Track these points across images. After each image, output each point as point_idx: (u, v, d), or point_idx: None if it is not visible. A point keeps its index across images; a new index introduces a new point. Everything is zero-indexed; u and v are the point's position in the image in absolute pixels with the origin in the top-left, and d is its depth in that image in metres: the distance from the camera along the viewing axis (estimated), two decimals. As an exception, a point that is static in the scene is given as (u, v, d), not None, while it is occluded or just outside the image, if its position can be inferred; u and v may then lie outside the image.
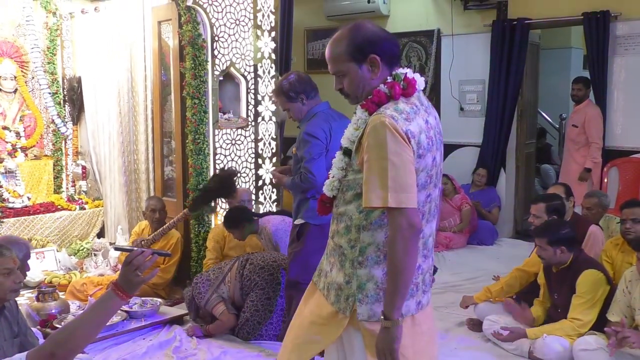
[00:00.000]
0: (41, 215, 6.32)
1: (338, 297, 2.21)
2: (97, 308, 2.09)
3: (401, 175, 2.00)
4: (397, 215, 2.01)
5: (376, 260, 2.14)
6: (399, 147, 2.01)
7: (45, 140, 7.04)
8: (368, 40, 2.15)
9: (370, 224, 2.14)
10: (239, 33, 5.58)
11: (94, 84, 6.80)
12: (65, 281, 5.46)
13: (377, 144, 2.02)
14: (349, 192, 2.19)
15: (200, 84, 5.27)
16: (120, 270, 2.16)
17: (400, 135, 2.01)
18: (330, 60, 2.22)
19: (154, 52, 5.89)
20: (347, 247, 2.19)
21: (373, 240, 2.14)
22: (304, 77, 3.84)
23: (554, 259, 3.92)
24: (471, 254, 6.79)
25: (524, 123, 7.72)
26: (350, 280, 2.18)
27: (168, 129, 5.86)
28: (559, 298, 4.01)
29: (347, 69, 2.18)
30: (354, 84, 2.19)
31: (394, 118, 2.04)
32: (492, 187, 7.51)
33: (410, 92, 2.15)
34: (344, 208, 2.21)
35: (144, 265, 2.09)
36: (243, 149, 5.69)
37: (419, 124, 2.09)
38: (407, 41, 8.16)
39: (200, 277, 4.55)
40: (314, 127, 3.68)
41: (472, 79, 7.72)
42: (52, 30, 6.92)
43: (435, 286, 5.47)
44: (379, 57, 2.15)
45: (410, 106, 2.12)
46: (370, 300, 2.14)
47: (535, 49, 7.83)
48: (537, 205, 4.44)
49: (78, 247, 6.30)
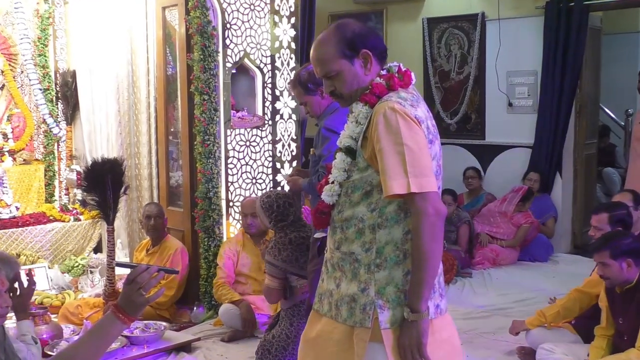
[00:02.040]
0: (31, 227, 6.37)
1: (352, 310, 2.28)
2: (96, 333, 2.10)
3: (419, 158, 2.18)
4: (420, 201, 2.17)
5: (396, 260, 2.26)
6: (413, 131, 2.20)
7: (36, 143, 7.12)
8: (358, 34, 2.34)
9: (385, 221, 2.27)
10: (254, 19, 5.60)
11: (90, 79, 6.87)
12: (57, 302, 5.50)
13: (390, 130, 2.19)
14: (356, 192, 2.31)
15: (210, 78, 5.30)
16: (121, 289, 2.18)
17: (411, 118, 2.21)
18: (318, 61, 2.39)
19: (157, 42, 5.94)
20: (360, 252, 2.29)
21: (391, 238, 2.27)
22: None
23: (620, 276, 3.85)
24: (522, 271, 6.74)
25: (583, 120, 7.64)
26: (367, 287, 2.27)
27: (174, 129, 5.90)
28: (624, 323, 3.94)
29: (339, 67, 2.35)
30: (347, 82, 2.36)
31: (402, 103, 2.24)
32: (546, 195, 7.45)
33: (407, 83, 2.36)
34: (350, 212, 2.32)
35: (149, 284, 2.09)
36: (259, 152, 5.71)
37: (422, 110, 2.30)
38: (447, 27, 8.13)
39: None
40: (334, 122, 3.71)
41: (522, 70, 7.67)
42: (44, 18, 7.00)
43: (481, 309, 5.53)
44: (371, 51, 2.35)
45: (410, 94, 2.32)
46: (392, 305, 2.24)
47: (597, 34, 7.75)
48: (599, 215, 4.38)
49: (72, 263, 6.35)
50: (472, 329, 5.11)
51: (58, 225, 6.56)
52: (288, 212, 4.24)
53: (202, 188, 5.37)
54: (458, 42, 8.10)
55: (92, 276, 6.01)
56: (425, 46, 8.26)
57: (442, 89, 8.20)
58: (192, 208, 5.52)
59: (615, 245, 3.83)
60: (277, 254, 4.16)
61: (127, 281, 2.11)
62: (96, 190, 5.05)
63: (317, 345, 2.40)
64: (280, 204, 4.23)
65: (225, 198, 5.51)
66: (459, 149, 8.06)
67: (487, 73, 7.88)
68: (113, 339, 2.15)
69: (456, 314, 5.33)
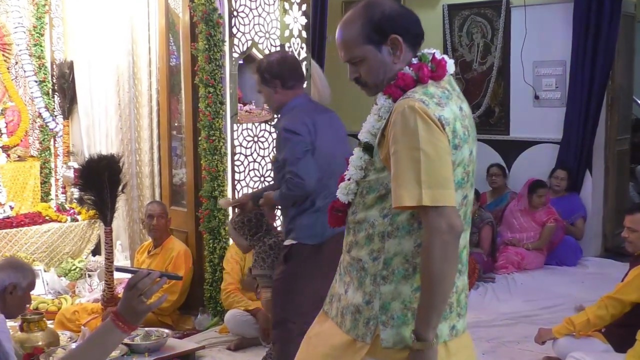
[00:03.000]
0: (26, 227, 6.42)
1: (355, 321, 2.22)
2: (94, 342, 2.10)
3: (437, 168, 2.04)
4: (433, 216, 2.04)
5: (404, 275, 2.16)
6: (433, 135, 2.05)
7: (31, 138, 7.16)
8: (387, 17, 2.20)
9: (396, 230, 2.16)
10: (262, 6, 5.60)
11: (88, 70, 6.91)
12: (54, 307, 5.54)
13: (406, 132, 2.06)
14: (370, 194, 2.22)
15: (215, 69, 5.31)
16: (122, 295, 2.18)
17: (432, 121, 2.05)
18: (342, 45, 2.28)
19: (160, 31, 5.96)
20: (368, 260, 2.21)
21: (400, 249, 2.16)
22: (288, 61, 3.96)
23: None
24: (549, 276, 6.73)
25: (614, 114, 7.61)
26: (371, 300, 2.19)
27: (178, 124, 5.92)
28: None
29: (364, 53, 2.23)
30: (373, 70, 2.24)
31: (424, 102, 2.08)
32: (574, 194, 7.42)
33: (441, 75, 2.20)
34: (363, 214, 2.23)
35: (151, 290, 2.09)
36: (268, 147, 5.71)
37: (452, 110, 2.13)
38: (469, 14, 8.11)
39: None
40: (293, 122, 3.76)
41: (550, 60, 7.64)
42: (40, 5, 7.03)
43: (506, 316, 5.51)
44: (401, 36, 2.20)
45: (441, 90, 2.17)
46: (396, 323, 2.15)
47: (630, 22, 7.72)
48: (633, 215, 4.36)
49: (69, 266, 6.39)
50: (496, 338, 5.09)
51: (54, 226, 6.60)
52: (261, 222, 4.32)
53: (207, 186, 5.38)
54: (481, 31, 8.08)
55: (90, 280, 6.04)
56: (446, 35, 8.24)
57: (463, 81, 8.17)
58: (197, 208, 5.53)
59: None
60: (262, 263, 4.23)
61: (127, 287, 2.10)
62: (93, 189, 5.07)
63: (312, 342, 2.39)
64: (251, 217, 4.30)
65: (232, 197, 5.52)
66: (481, 145, 8.02)
67: (512, 63, 7.86)
68: (112, 348, 2.15)
69: (479, 322, 5.32)
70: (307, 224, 3.75)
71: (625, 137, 8.05)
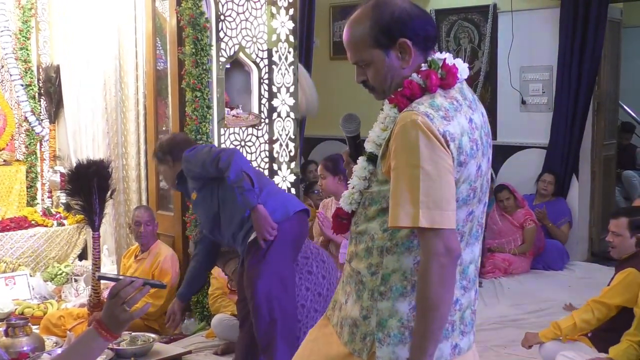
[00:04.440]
0: (11, 232, 6.38)
1: (353, 335, 2.17)
2: (76, 350, 2.09)
3: (436, 188, 1.95)
4: (430, 238, 1.96)
5: (401, 292, 2.09)
6: (435, 153, 1.95)
7: (17, 142, 7.13)
8: (396, 19, 2.08)
9: (395, 246, 2.09)
10: (249, 11, 5.61)
11: (75, 74, 6.88)
12: (39, 312, 5.51)
13: (406, 148, 1.97)
14: (372, 206, 2.14)
15: (202, 73, 5.31)
16: (104, 304, 2.17)
17: (436, 137, 1.96)
18: (349, 46, 2.17)
19: (147, 35, 5.95)
20: (366, 274, 2.14)
21: (399, 266, 2.09)
22: (176, 139, 4.51)
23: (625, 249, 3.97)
24: (536, 280, 6.76)
25: (601, 119, 7.65)
26: (368, 315, 2.13)
27: (165, 128, 5.91)
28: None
29: (371, 57, 2.12)
30: (380, 75, 2.14)
31: (429, 116, 1.98)
32: (561, 198, 7.45)
33: (450, 83, 2.10)
34: (364, 226, 2.16)
35: (134, 299, 2.08)
36: (255, 152, 5.71)
37: (460, 123, 2.04)
38: (456, 19, 8.14)
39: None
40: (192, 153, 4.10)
41: (537, 65, 7.68)
42: (26, 9, 7.01)
43: (492, 320, 5.53)
44: (411, 40, 2.09)
45: (449, 101, 2.07)
46: (393, 341, 2.09)
47: (616, 28, 7.76)
48: (617, 220, 4.37)
49: (55, 271, 6.36)
50: (482, 342, 5.09)
51: (40, 231, 6.57)
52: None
53: (194, 191, 5.37)
54: (468, 36, 8.11)
55: (76, 285, 6.01)
56: (433, 39, 8.25)
57: (450, 86, 8.18)
58: (184, 212, 5.53)
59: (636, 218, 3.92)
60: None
61: (109, 295, 2.09)
62: (81, 194, 5.06)
63: (309, 347, 2.35)
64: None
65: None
66: (468, 150, 8.05)
67: (499, 68, 7.89)
68: (95, 356, 2.14)
69: (465, 326, 5.32)
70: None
71: (612, 142, 8.10)
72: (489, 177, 2.20)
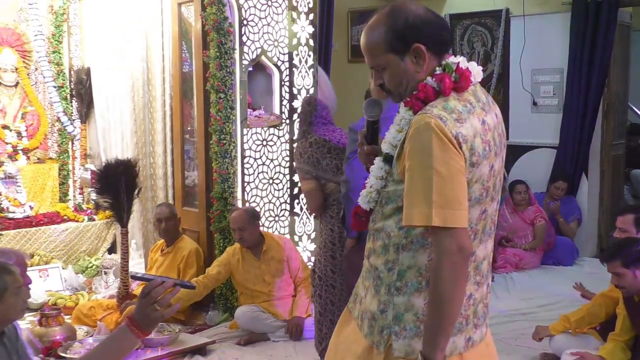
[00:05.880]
0: (45, 227, 6.45)
1: (372, 328, 2.18)
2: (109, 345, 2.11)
3: (449, 188, 1.95)
4: (443, 237, 1.96)
5: (417, 287, 2.09)
6: (447, 155, 1.95)
7: (50, 141, 7.20)
8: (411, 25, 2.07)
9: (411, 243, 2.09)
10: (271, 16, 5.63)
11: (104, 76, 6.94)
12: (71, 303, 5.56)
13: (420, 149, 1.97)
14: (389, 205, 2.14)
15: (226, 76, 5.33)
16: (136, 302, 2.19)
17: (448, 139, 1.96)
18: (366, 51, 2.16)
19: (173, 38, 5.98)
20: (383, 270, 2.15)
21: (414, 262, 2.09)
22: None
23: (635, 284, 3.83)
24: (546, 275, 6.73)
25: (610, 120, 7.59)
26: (385, 309, 2.14)
27: (190, 128, 5.94)
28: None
29: (387, 61, 2.11)
30: (395, 79, 2.13)
31: (442, 118, 1.97)
32: (571, 197, 7.40)
33: (464, 86, 2.08)
34: (381, 223, 2.16)
35: (165, 299, 2.10)
36: (276, 151, 5.73)
37: (473, 125, 2.03)
38: (470, 24, 8.10)
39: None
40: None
41: (548, 68, 7.63)
42: (58, 14, 7.07)
43: (504, 314, 5.51)
44: (425, 45, 2.07)
45: (462, 104, 2.05)
46: (408, 335, 2.09)
47: (626, 31, 7.70)
48: (624, 216, 4.36)
49: (86, 264, 6.42)
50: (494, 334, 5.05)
51: (72, 225, 6.63)
52: (306, 112, 4.43)
53: (218, 188, 5.40)
54: (481, 39, 8.08)
55: (106, 277, 6.07)
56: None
57: (464, 87, 8.16)
58: (208, 209, 5.55)
59: (627, 254, 3.81)
60: (299, 157, 4.28)
61: (141, 294, 2.10)
62: (110, 192, 5.09)
63: (338, 351, 2.34)
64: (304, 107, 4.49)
65: (242, 198, 5.54)
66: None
67: (511, 71, 7.85)
68: (127, 352, 2.15)
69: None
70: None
71: (621, 142, 8.02)
72: (501, 176, 2.20)
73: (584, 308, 4.51)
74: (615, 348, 4.05)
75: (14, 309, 2.88)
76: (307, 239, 6.00)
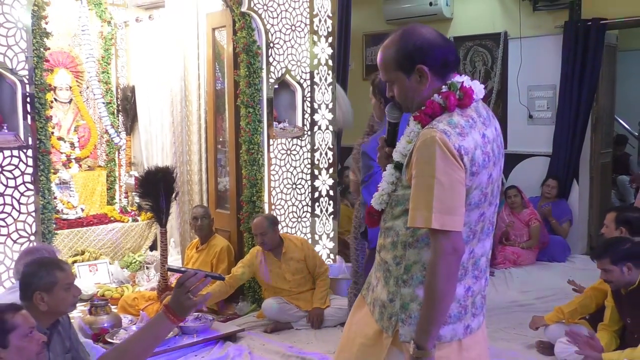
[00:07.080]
0: (94, 226, 6.49)
1: (382, 314, 2.21)
2: (148, 330, 2.11)
3: (448, 196, 1.98)
4: (440, 238, 1.99)
5: (421, 280, 2.10)
6: (449, 166, 1.98)
7: (99, 151, 7.26)
8: (418, 48, 2.09)
9: (416, 242, 2.12)
10: (294, 39, 5.63)
11: (147, 93, 6.98)
12: (117, 294, 5.59)
13: (425, 160, 2.00)
14: (398, 207, 2.17)
15: (254, 92, 5.34)
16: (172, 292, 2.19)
17: (451, 152, 1.98)
18: (380, 67, 2.20)
19: (207, 60, 6.00)
20: (392, 264, 2.18)
21: (419, 258, 2.12)
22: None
23: (622, 279, 3.80)
24: (541, 270, 6.68)
25: (599, 131, 7.52)
26: (393, 299, 2.17)
27: (222, 139, 5.95)
28: (633, 322, 3.87)
29: (396, 77, 2.15)
30: (402, 93, 2.17)
31: (446, 133, 2.00)
32: (563, 200, 7.34)
33: (467, 103, 2.10)
34: (391, 223, 2.20)
35: (197, 288, 2.10)
36: (299, 159, 5.72)
37: (474, 138, 2.05)
38: (472, 45, 8.07)
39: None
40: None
41: (542, 84, 7.58)
42: (107, 39, 7.14)
43: (502, 305, 5.46)
44: (428, 67, 2.10)
45: (465, 119, 2.07)
46: (413, 322, 2.11)
47: (612, 51, 7.62)
48: (608, 214, 4.43)
49: (130, 259, 6.44)
50: (494, 324, 5.05)
51: (118, 225, 6.67)
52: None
53: (247, 192, 5.40)
54: (482, 59, 8.04)
55: (147, 271, 6.09)
56: (452, 63, 8.18)
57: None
58: (238, 211, 5.56)
59: (615, 251, 3.79)
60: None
61: (177, 284, 2.12)
62: (150, 196, 5.11)
63: (351, 332, 2.37)
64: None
65: (268, 202, 5.54)
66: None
67: (509, 87, 7.80)
68: (163, 336, 2.16)
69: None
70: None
71: (608, 151, 7.94)
72: (499, 183, 2.20)
73: (575, 300, 4.47)
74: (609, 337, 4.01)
75: (63, 303, 2.89)
76: (326, 238, 5.98)
